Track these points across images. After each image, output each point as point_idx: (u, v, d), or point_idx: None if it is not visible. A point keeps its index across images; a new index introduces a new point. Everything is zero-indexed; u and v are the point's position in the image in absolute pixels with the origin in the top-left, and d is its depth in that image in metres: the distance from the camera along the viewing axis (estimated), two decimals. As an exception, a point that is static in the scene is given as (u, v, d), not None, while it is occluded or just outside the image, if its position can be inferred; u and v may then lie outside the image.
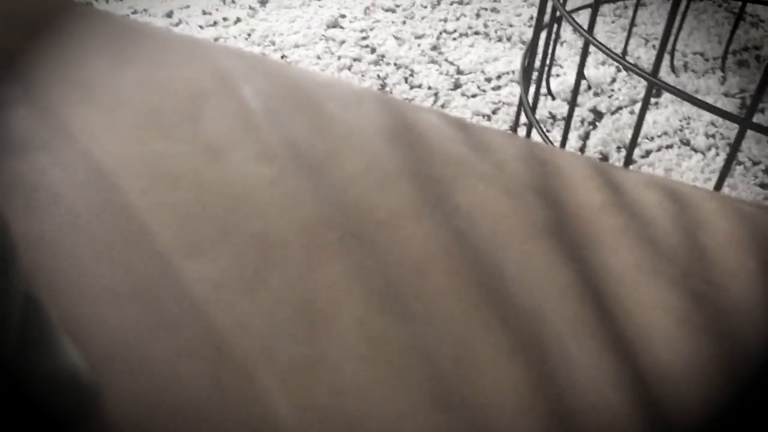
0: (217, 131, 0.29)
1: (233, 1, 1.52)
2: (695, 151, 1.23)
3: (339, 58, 1.37)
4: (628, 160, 0.97)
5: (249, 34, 1.42)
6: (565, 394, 0.21)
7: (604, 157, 1.20)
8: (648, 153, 1.22)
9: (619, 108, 1.31)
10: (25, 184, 0.24)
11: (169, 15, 1.46)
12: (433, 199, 0.27)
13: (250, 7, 1.50)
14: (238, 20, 1.46)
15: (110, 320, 0.23)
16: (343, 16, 1.50)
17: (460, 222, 0.26)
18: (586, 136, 1.24)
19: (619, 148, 1.22)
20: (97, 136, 0.28)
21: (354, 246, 0.25)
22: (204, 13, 1.47)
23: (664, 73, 1.42)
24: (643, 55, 1.47)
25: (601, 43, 0.91)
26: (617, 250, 0.26)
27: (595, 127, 1.27)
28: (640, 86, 1.36)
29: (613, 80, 1.38)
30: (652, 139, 1.25)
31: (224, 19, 1.46)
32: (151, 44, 0.34)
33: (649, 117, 1.29)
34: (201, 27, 1.43)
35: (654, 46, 1.49)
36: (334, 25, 1.47)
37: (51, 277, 0.23)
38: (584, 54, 0.99)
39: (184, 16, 1.45)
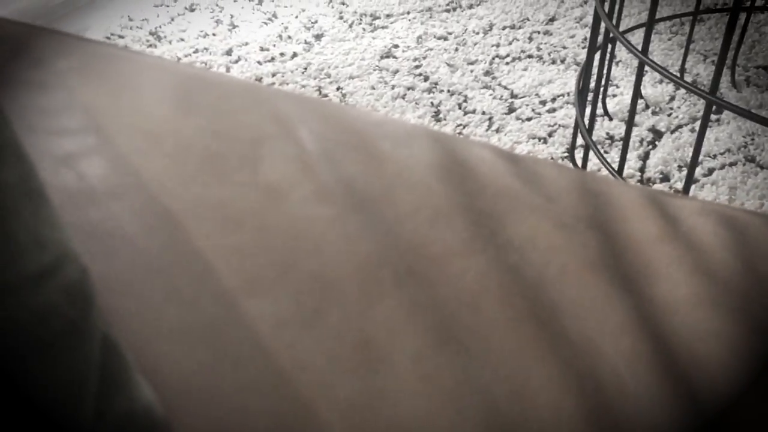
0: (276, 174, 0.31)
1: (289, 37, 1.56)
2: (761, 167, 1.19)
3: (393, 87, 1.39)
4: (689, 180, 0.95)
5: (305, 68, 1.45)
6: (620, 428, 0.21)
7: (665, 177, 1.18)
8: (711, 171, 1.19)
9: (679, 126, 1.29)
10: (101, 230, 0.26)
11: (229, 53, 1.51)
12: (486, 234, 0.27)
13: (306, 42, 1.54)
14: (295, 55, 1.50)
15: (179, 358, 0.24)
16: (396, 46, 1.52)
17: (513, 256, 0.27)
18: (645, 156, 1.22)
19: (680, 167, 1.20)
20: (165, 182, 0.29)
21: (409, 282, 0.26)
22: (262, 49, 1.52)
23: (725, 89, 1.38)
24: (702, 71, 1.44)
25: (656, 64, 0.90)
26: (673, 281, 0.26)
27: (654, 146, 1.24)
28: (701, 103, 1.33)
29: (672, 98, 1.36)
30: (714, 157, 1.22)
31: (281, 54, 1.50)
32: (214, 91, 0.36)
33: (711, 134, 1.26)
34: (259, 63, 1.48)
35: (713, 62, 1.46)
36: (388, 55, 1.49)
37: (125, 318, 0.24)
38: (639, 74, 0.98)
39: (243, 53, 1.50)
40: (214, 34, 1.57)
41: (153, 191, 0.29)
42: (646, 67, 1.10)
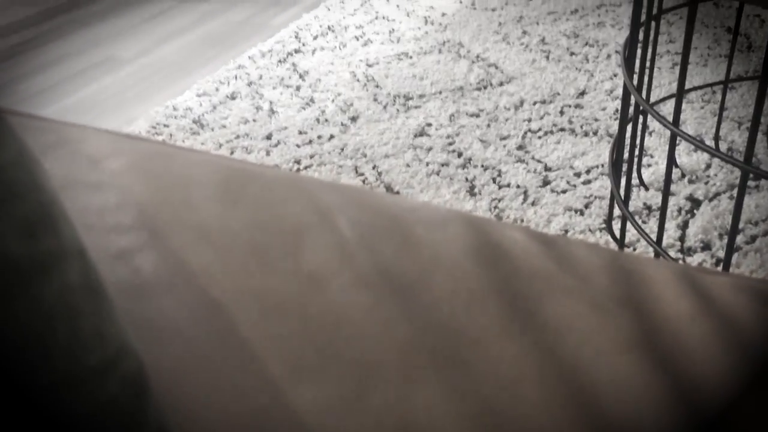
0: (317, 262, 0.32)
1: (326, 120, 1.62)
2: (806, 233, 1.17)
3: (427, 164, 1.42)
4: (730, 249, 0.94)
5: (342, 149, 1.50)
6: None
7: (706, 246, 1.17)
8: (753, 239, 1.17)
9: (717, 194, 1.28)
10: (153, 323, 0.28)
11: (269, 137, 1.57)
12: (521, 317, 0.28)
13: (342, 124, 1.59)
14: (332, 137, 1.55)
15: (228, 445, 0.25)
16: (429, 125, 1.56)
17: (549, 338, 0.27)
18: (684, 226, 1.21)
19: (721, 235, 1.18)
20: (213, 274, 0.31)
21: (447, 366, 0.26)
22: (300, 132, 1.57)
23: (762, 155, 1.38)
24: (737, 138, 1.44)
25: (688, 135, 0.91)
26: (709, 359, 0.26)
27: (693, 215, 1.24)
28: (738, 171, 1.33)
29: (708, 166, 1.35)
30: (756, 224, 1.20)
31: (318, 137, 1.55)
32: (257, 183, 0.38)
33: (750, 201, 1.25)
34: (298, 146, 1.52)
35: (748, 129, 1.45)
36: (421, 133, 1.53)
37: (177, 408, 0.25)
38: (672, 146, 0.98)
39: (282, 137, 1.56)
40: (254, 120, 1.63)
41: (201, 283, 0.31)
42: (680, 137, 1.10)
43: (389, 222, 0.36)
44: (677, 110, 0.98)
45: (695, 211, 1.25)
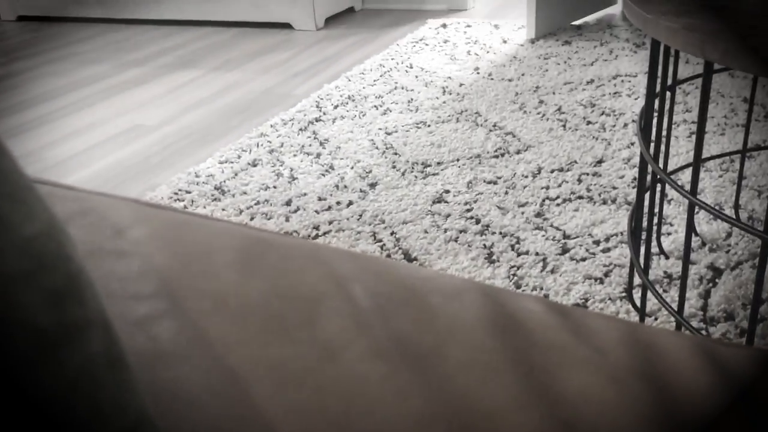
0: (333, 331, 0.32)
1: (345, 186, 1.64)
2: (832, 303, 1.15)
3: (445, 230, 1.43)
4: (754, 319, 0.92)
5: (360, 215, 1.51)
6: None
7: (729, 316, 1.15)
8: (778, 309, 1.15)
9: (739, 263, 1.27)
10: (170, 391, 0.28)
11: (288, 203, 1.59)
12: (538, 388, 0.28)
13: (361, 190, 1.61)
14: (350, 203, 1.56)
15: None
16: (447, 192, 1.57)
17: (565, 411, 0.27)
18: (706, 295, 1.20)
19: (744, 305, 1.16)
20: (229, 343, 0.31)
21: (462, 440, 0.26)
22: (319, 199, 1.59)
23: (784, 224, 1.37)
24: (757, 207, 1.43)
25: (707, 204, 0.91)
26: (731, 436, 0.25)
27: (715, 284, 1.22)
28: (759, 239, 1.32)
29: (729, 234, 1.34)
30: (780, 293, 1.18)
31: (337, 203, 1.57)
32: (275, 253, 0.39)
33: (774, 270, 1.23)
34: (317, 212, 1.54)
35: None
36: (439, 200, 1.54)
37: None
38: (690, 215, 0.98)
39: (301, 203, 1.58)
40: (274, 187, 1.66)
41: (218, 352, 0.31)
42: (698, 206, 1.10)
43: (405, 291, 0.36)
44: (695, 179, 0.98)
45: (717, 280, 1.23)
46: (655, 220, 1.31)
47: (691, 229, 0.99)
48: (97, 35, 3.36)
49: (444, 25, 2.95)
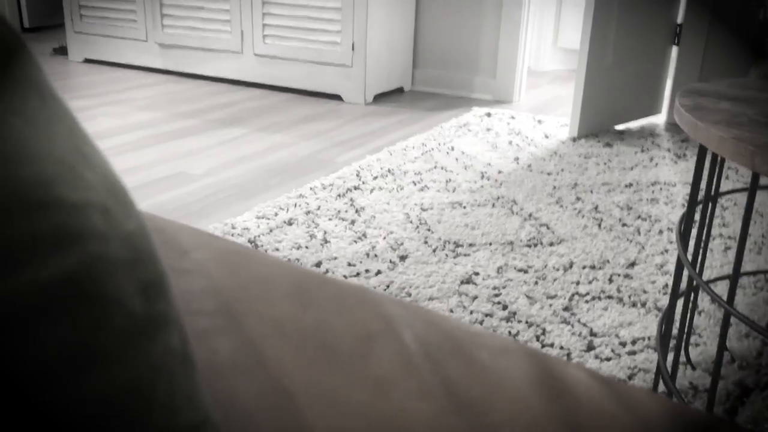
0: (384, 368, 0.33)
1: (376, 255, 1.65)
2: None
3: (471, 312, 1.42)
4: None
5: (387, 286, 1.52)
6: None
7: (756, 436, 1.11)
8: (806, 435, 1.11)
9: (768, 383, 1.24)
10: (225, 402, 0.28)
11: (318, 265, 1.60)
12: (581, 451, 0.28)
13: (391, 261, 1.62)
14: (379, 272, 1.57)
15: None
16: (477, 274, 1.58)
17: (609, 475, 0.27)
18: (732, 411, 1.17)
19: (771, 426, 1.13)
20: (285, 366, 0.32)
21: (506, 488, 0.26)
22: (349, 264, 1.61)
23: (817, 350, 1.34)
24: (790, 329, 1.40)
25: (743, 315, 0.90)
26: None
27: (743, 403, 1.19)
28: (790, 361, 1.29)
29: (760, 354, 1.32)
30: (809, 419, 1.15)
31: (366, 270, 1.58)
32: (329, 289, 0.40)
33: (804, 395, 1.20)
34: (345, 276, 1.55)
35: (802, 321, 1.43)
36: (468, 281, 1.54)
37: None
38: (725, 325, 0.97)
39: (331, 266, 1.59)
40: (306, 247, 1.68)
41: (274, 372, 0.32)
42: (732, 319, 1.09)
43: (453, 342, 0.37)
44: (732, 290, 0.98)
45: (745, 399, 1.20)
46: (686, 329, 1.29)
47: (723, 340, 0.98)
48: (155, 84, 3.50)
49: (489, 114, 3.02)
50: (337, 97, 3.33)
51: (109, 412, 0.21)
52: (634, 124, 2.98)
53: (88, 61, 4.00)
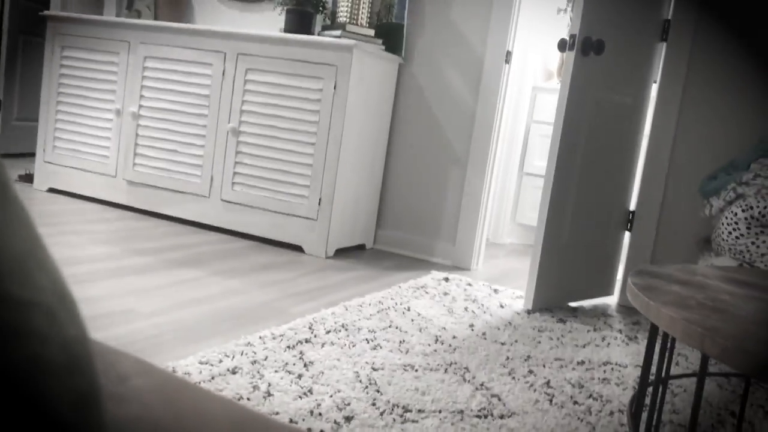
0: None
1: (320, 414, 1.58)
2: None
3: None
4: None
5: (330, 447, 1.44)
6: None
7: None
8: None
9: None
10: None
11: (260, 418, 1.52)
12: None
13: (335, 422, 1.55)
14: (323, 432, 1.50)
15: None
16: (425, 442, 1.51)
17: None
18: None
19: None
20: None
21: None
22: (291, 421, 1.53)
23: None
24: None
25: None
26: None
27: None
28: None
29: None
30: None
31: (309, 430, 1.51)
32: (271, 434, 0.37)
33: None
34: (286, 433, 1.47)
35: None
36: (415, 449, 1.47)
37: None
38: None
39: (272, 421, 1.51)
40: (248, 399, 1.60)
41: None
42: None
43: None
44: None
45: None
46: None
47: None
48: (117, 219, 3.50)
49: (447, 279, 3.06)
50: (299, 248, 3.35)
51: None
52: (587, 303, 3.03)
53: (52, 190, 4.00)
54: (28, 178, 4.13)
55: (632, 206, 3.15)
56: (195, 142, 3.52)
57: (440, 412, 1.67)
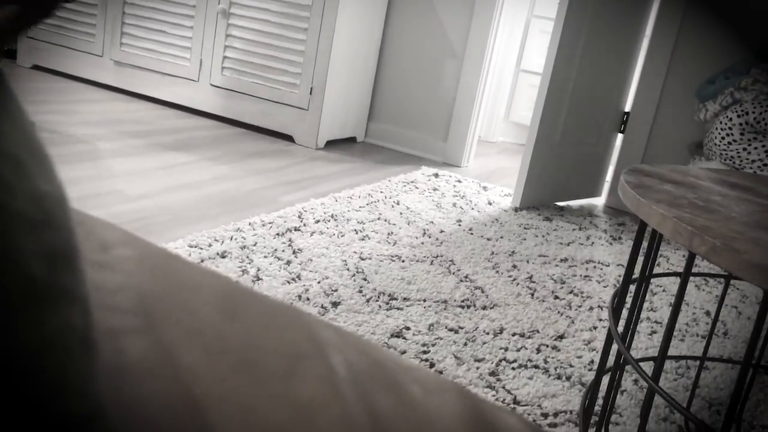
0: (307, 393, 0.31)
1: (308, 299, 1.61)
2: None
3: (398, 367, 1.39)
4: None
5: (316, 330, 1.47)
6: None
7: None
8: None
9: (683, 468, 1.24)
10: (128, 407, 0.25)
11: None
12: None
13: (323, 306, 1.59)
14: (309, 316, 1.53)
15: None
16: (408, 328, 1.55)
17: None
18: (646, 493, 1.16)
19: None
20: (200, 375, 0.29)
21: None
22: (279, 304, 1.56)
23: (730, 440, 1.36)
24: (707, 417, 1.42)
25: (669, 395, 0.91)
26: None
27: (656, 484, 1.19)
28: (705, 449, 1.30)
29: (676, 438, 1.33)
30: None
31: (297, 312, 1.54)
32: (259, 306, 0.37)
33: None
34: (274, 316, 1.50)
35: (717, 411, 1.45)
36: (398, 335, 1.52)
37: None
38: (647, 405, 0.97)
39: (260, 304, 1.54)
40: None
41: (185, 379, 0.29)
42: (654, 402, 1.09)
43: (385, 374, 0.35)
44: (658, 369, 0.98)
45: (658, 481, 1.20)
46: (609, 406, 1.29)
47: (645, 421, 0.98)
48: (104, 100, 3.42)
49: (436, 175, 3.06)
50: (289, 138, 3.32)
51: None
52: (574, 203, 3.06)
53: (36, 67, 3.89)
54: (11, 54, 4.01)
55: (627, 107, 3.11)
56: (184, 23, 3.39)
57: (425, 300, 1.71)
